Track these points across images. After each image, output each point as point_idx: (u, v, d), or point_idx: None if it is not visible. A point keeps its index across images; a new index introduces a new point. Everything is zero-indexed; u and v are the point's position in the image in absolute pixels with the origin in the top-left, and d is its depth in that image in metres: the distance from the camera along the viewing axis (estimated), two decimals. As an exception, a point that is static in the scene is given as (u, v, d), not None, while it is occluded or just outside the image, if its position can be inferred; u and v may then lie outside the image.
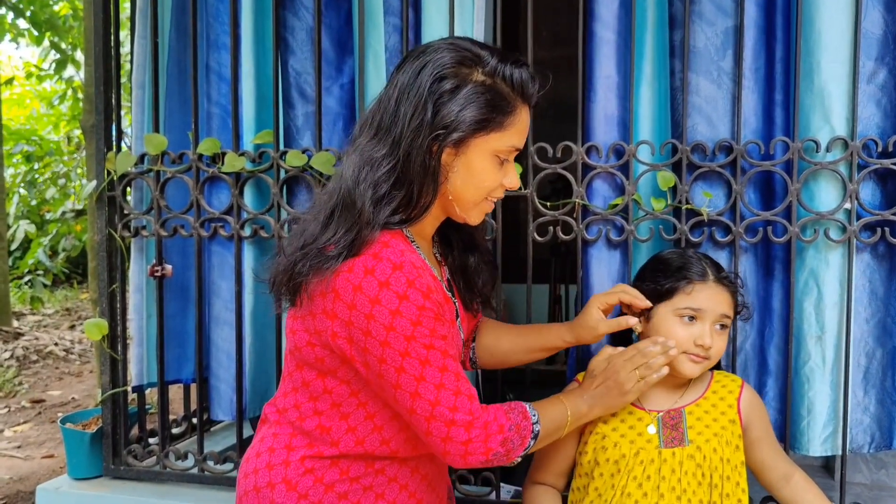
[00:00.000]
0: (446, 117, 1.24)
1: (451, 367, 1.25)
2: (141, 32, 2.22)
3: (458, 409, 1.23)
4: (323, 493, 1.32)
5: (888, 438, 1.82)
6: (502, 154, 1.32)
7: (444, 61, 1.26)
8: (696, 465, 1.53)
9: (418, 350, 1.21)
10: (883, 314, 1.81)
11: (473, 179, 1.31)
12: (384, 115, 1.28)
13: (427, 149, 1.24)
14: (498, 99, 1.27)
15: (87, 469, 2.22)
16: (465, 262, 1.52)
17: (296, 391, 1.36)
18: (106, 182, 2.14)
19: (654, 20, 1.85)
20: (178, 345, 2.27)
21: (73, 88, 7.60)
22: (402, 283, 1.20)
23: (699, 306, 1.51)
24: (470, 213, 1.37)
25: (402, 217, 1.27)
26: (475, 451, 1.25)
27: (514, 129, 1.31)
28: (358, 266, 1.21)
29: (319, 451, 1.33)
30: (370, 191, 1.24)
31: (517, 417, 1.30)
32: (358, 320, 1.21)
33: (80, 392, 5.37)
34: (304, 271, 1.24)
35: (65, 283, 9.92)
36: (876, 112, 1.77)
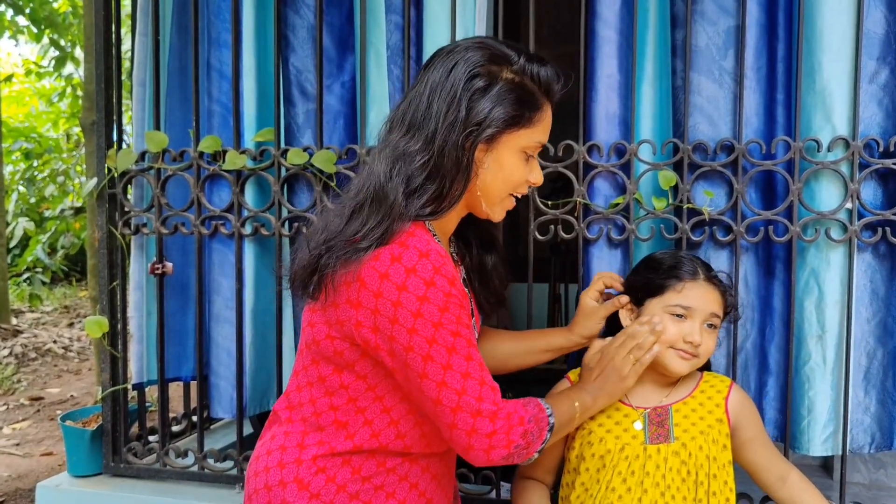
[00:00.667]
0: (479, 114, 1.27)
1: (475, 356, 1.26)
2: (142, 30, 2.21)
3: (483, 398, 1.24)
4: (335, 492, 1.32)
5: (888, 439, 1.82)
6: (529, 150, 1.35)
7: (475, 59, 1.29)
8: (681, 462, 1.54)
9: (445, 337, 1.22)
10: (884, 314, 1.81)
11: (503, 174, 1.34)
12: (416, 112, 1.30)
13: (461, 145, 1.27)
14: (527, 96, 1.31)
15: (86, 466, 2.22)
16: (482, 262, 1.54)
17: (311, 386, 1.36)
18: (107, 179, 2.14)
19: (655, 19, 1.85)
20: (178, 342, 2.27)
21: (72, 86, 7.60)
22: (428, 270, 1.21)
23: (689, 304, 1.52)
24: (494, 209, 1.39)
25: (432, 209, 1.29)
26: (498, 445, 1.25)
27: (541, 126, 1.35)
28: (384, 254, 1.22)
29: (332, 448, 1.33)
30: (403, 185, 1.26)
31: (534, 409, 1.31)
32: (385, 308, 1.22)
33: (79, 390, 5.37)
34: (331, 263, 1.25)
35: (63, 281, 9.92)
36: (878, 112, 1.78)
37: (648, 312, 1.57)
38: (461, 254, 1.52)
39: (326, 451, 1.33)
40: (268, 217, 2.05)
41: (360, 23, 1.99)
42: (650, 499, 1.52)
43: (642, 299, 1.59)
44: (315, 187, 2.00)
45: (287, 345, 2.10)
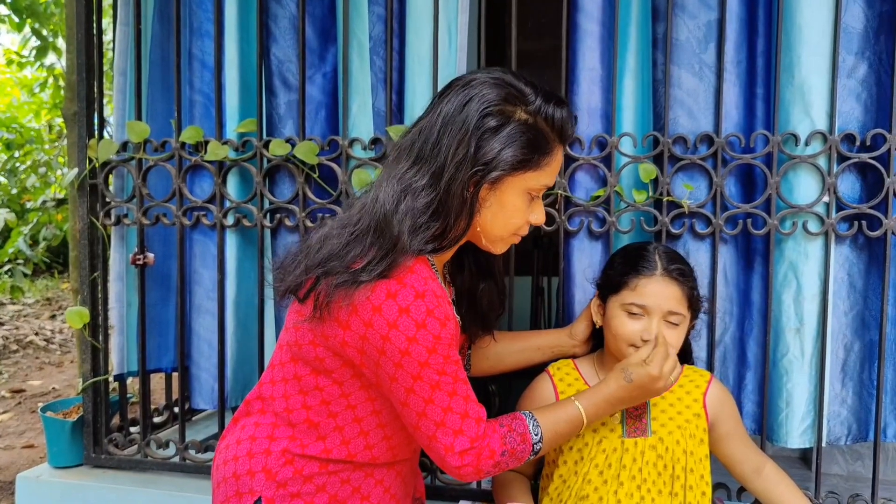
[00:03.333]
0: (488, 154, 1.26)
1: (461, 390, 1.28)
2: (123, 19, 2.20)
3: (461, 432, 1.27)
4: (302, 483, 1.33)
5: (864, 431, 1.85)
6: (534, 192, 1.35)
7: (490, 98, 1.27)
8: (658, 456, 1.55)
9: (430, 375, 1.24)
10: (861, 307, 1.84)
11: (504, 215, 1.34)
12: (425, 144, 1.28)
13: (467, 183, 1.26)
14: (539, 139, 1.30)
15: (67, 458, 2.21)
16: (474, 287, 1.55)
17: (285, 382, 1.36)
18: (87, 170, 2.12)
19: (637, 12, 1.86)
20: (159, 333, 2.26)
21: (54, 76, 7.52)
22: (421, 312, 1.22)
23: (643, 302, 1.53)
24: (496, 245, 1.40)
25: (435, 246, 1.28)
26: (466, 475, 1.30)
27: (549, 169, 1.34)
28: (381, 288, 1.22)
29: (303, 445, 1.34)
30: (409, 221, 1.25)
31: (514, 442, 1.33)
32: (373, 338, 1.23)
33: (61, 382, 5.33)
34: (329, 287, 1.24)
35: (45, 273, 9.84)
36: (856, 106, 1.79)
37: (609, 309, 1.58)
38: (454, 275, 1.53)
39: (297, 449, 1.34)
40: (250, 208, 2.05)
41: (342, 13, 1.98)
42: (626, 491, 1.53)
43: (605, 296, 1.61)
44: (297, 178, 1.99)
45: (269, 336, 2.09)
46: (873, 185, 1.79)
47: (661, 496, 1.54)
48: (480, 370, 1.72)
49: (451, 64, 1.94)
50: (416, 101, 1.95)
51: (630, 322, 1.54)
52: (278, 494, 1.33)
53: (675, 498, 1.55)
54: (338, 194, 1.97)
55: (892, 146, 1.72)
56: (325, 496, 1.35)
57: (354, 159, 1.96)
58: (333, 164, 1.97)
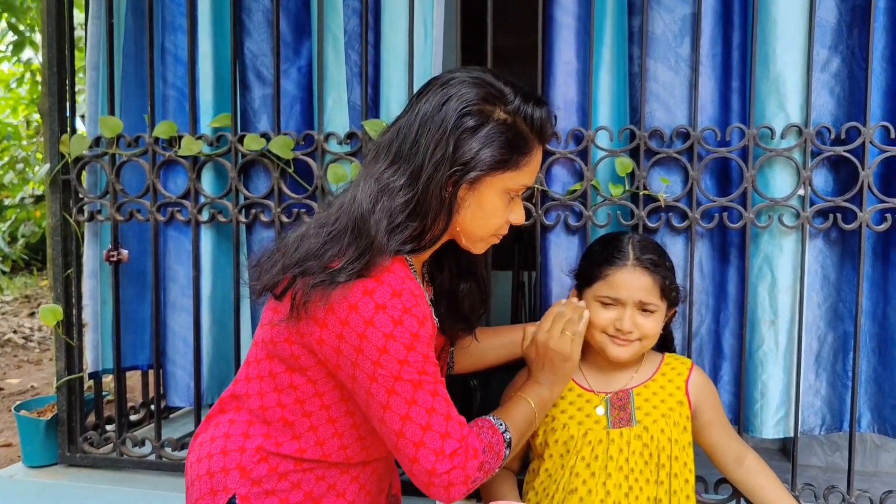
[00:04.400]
0: (466, 154, 1.25)
1: (441, 391, 1.26)
2: (95, 13, 2.17)
3: (449, 434, 1.24)
4: (277, 481, 1.32)
5: (839, 421, 1.86)
6: (513, 192, 1.34)
7: (468, 97, 1.26)
8: (643, 445, 1.56)
9: (411, 374, 1.22)
10: (835, 299, 1.85)
11: (483, 215, 1.33)
12: (403, 144, 1.27)
13: (445, 183, 1.25)
14: (517, 139, 1.29)
15: (42, 457, 2.18)
16: (454, 288, 1.53)
17: (260, 379, 1.35)
18: (60, 165, 2.09)
19: (613, 6, 1.85)
20: (134, 330, 2.24)
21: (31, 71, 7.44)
22: (398, 309, 1.21)
23: (615, 294, 1.54)
24: (475, 245, 1.40)
25: (413, 247, 1.27)
26: (457, 482, 1.25)
27: (528, 169, 1.33)
28: (358, 286, 1.21)
29: (278, 443, 1.33)
30: (385, 220, 1.24)
31: (488, 435, 1.33)
32: (350, 337, 1.21)
33: (40, 380, 5.28)
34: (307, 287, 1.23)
35: (24, 270, 9.75)
36: (829, 100, 1.80)
37: (585, 301, 1.59)
38: (433, 275, 1.53)
39: (272, 447, 1.33)
40: (225, 203, 2.03)
41: (316, 7, 1.96)
42: (614, 482, 1.54)
43: (581, 288, 1.62)
44: (272, 173, 1.98)
45: (245, 333, 2.08)
46: (846, 179, 1.80)
47: (648, 484, 1.55)
48: (462, 367, 1.72)
49: (427, 58, 1.93)
50: (391, 96, 1.94)
51: (603, 312, 1.56)
52: (252, 492, 1.31)
53: (661, 486, 1.56)
54: (313, 189, 1.96)
55: (867, 139, 1.73)
56: (300, 493, 1.33)
57: (330, 154, 1.95)
58: (309, 158, 1.96)
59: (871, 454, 2.42)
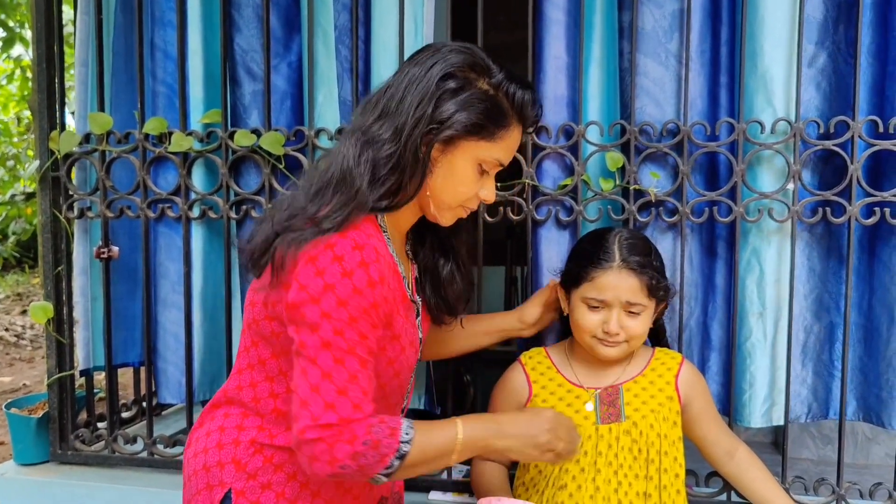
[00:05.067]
0: (444, 113, 1.27)
1: (351, 364, 1.20)
2: (83, 8, 2.15)
3: (333, 406, 1.17)
4: (272, 472, 1.32)
5: (825, 409, 1.89)
6: (486, 164, 1.35)
7: (455, 61, 1.30)
8: (632, 441, 1.56)
9: (327, 332, 1.19)
10: (821, 290, 1.87)
11: (453, 181, 1.34)
12: (390, 101, 1.30)
13: (422, 140, 1.27)
14: (496, 111, 1.31)
15: (33, 454, 2.17)
16: (435, 265, 1.53)
17: (251, 368, 1.35)
18: (49, 162, 2.09)
19: (602, 1, 1.85)
20: (125, 327, 2.23)
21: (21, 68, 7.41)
22: (353, 262, 1.20)
23: (601, 296, 1.54)
24: (442, 214, 1.39)
25: (388, 203, 1.29)
26: (320, 457, 1.18)
27: (504, 144, 1.34)
28: (322, 240, 1.22)
29: (271, 434, 1.33)
30: (369, 172, 1.26)
31: (381, 434, 1.20)
32: (295, 289, 1.21)
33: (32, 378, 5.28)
34: (287, 241, 1.24)
35: (16, 268, 9.71)
36: (816, 95, 1.82)
37: (572, 302, 1.60)
38: (416, 252, 1.52)
39: (266, 439, 1.32)
40: (215, 200, 2.02)
41: (306, 2, 1.95)
42: (603, 478, 1.54)
43: (568, 289, 1.62)
44: (263, 169, 1.97)
45: (236, 329, 2.07)
46: (833, 173, 1.81)
47: (637, 480, 1.56)
48: (425, 355, 1.71)
49: (418, 53, 1.93)
50: (382, 91, 1.94)
51: (590, 314, 1.56)
52: (248, 486, 1.31)
53: (651, 481, 1.56)
54: (304, 185, 1.95)
55: (855, 133, 1.73)
56: (295, 484, 1.33)
57: (321, 149, 1.94)
58: (300, 154, 1.95)
59: (863, 447, 2.43)
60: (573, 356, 1.67)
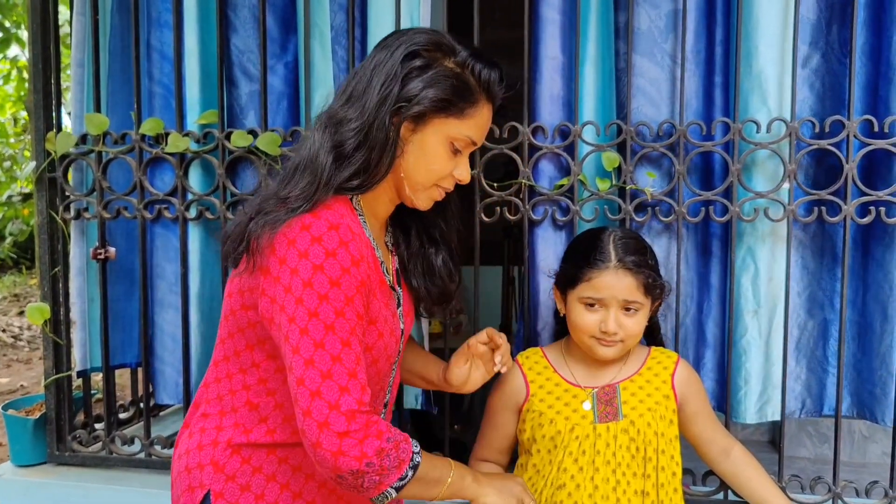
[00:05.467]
0: (411, 91, 1.29)
1: (355, 345, 1.20)
2: (79, 9, 2.15)
3: (348, 390, 1.16)
4: (251, 474, 1.30)
5: (819, 405, 1.91)
6: (457, 143, 1.35)
7: (420, 41, 1.31)
8: (630, 439, 1.57)
9: (328, 314, 1.18)
10: (814, 287, 1.88)
11: (425, 160, 1.34)
12: (358, 84, 1.32)
13: (390, 118, 1.28)
14: (463, 87, 1.32)
15: (30, 456, 2.17)
16: (425, 254, 1.52)
17: (226, 360, 1.35)
18: (46, 163, 2.08)
19: (598, 1, 1.86)
20: (122, 328, 2.23)
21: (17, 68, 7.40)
22: (334, 241, 1.20)
23: (599, 295, 1.54)
24: (418, 196, 1.38)
25: (358, 182, 1.29)
26: (349, 451, 1.15)
27: (473, 122, 1.35)
28: (296, 222, 1.22)
29: (246, 430, 1.31)
30: (335, 152, 1.28)
31: (399, 437, 1.21)
32: (284, 275, 1.20)
33: (29, 379, 5.27)
34: (259, 225, 1.25)
35: (13, 269, 9.69)
36: (809, 95, 1.83)
37: (569, 303, 1.60)
38: (397, 243, 1.51)
39: (242, 437, 1.31)
40: (212, 200, 2.02)
41: (303, 2, 1.96)
42: (602, 477, 1.55)
43: (564, 290, 1.62)
44: (260, 170, 1.97)
45: (234, 329, 2.07)
46: (826, 173, 1.83)
47: (635, 478, 1.56)
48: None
49: (414, 53, 1.93)
50: (378, 91, 1.94)
51: (588, 314, 1.56)
52: (227, 488, 1.30)
53: (648, 479, 1.57)
54: (301, 186, 1.95)
55: (851, 132, 1.74)
56: (275, 486, 1.31)
57: (317, 150, 1.94)
58: (296, 155, 1.95)
59: (860, 445, 2.44)
60: (570, 355, 1.67)
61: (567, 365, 1.66)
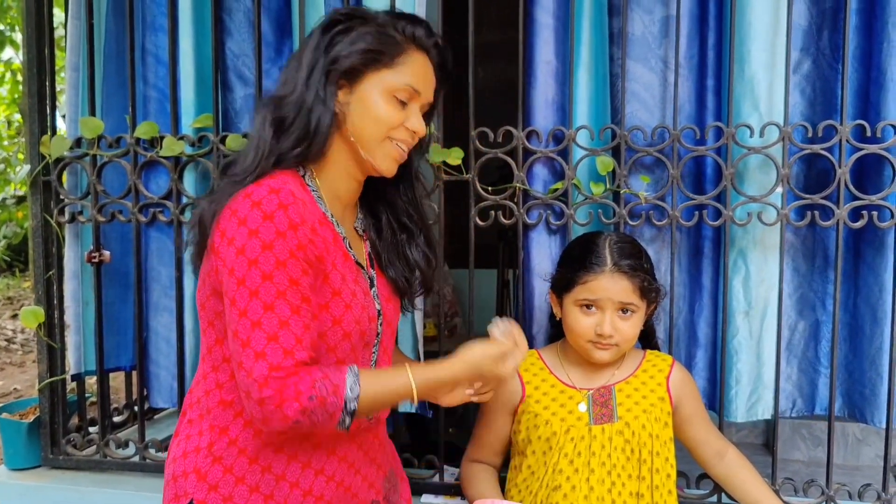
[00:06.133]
0: (338, 52, 1.33)
1: (280, 309, 1.18)
2: (74, 13, 2.15)
3: (263, 356, 1.16)
4: (234, 485, 1.28)
5: (809, 405, 1.93)
6: (399, 94, 1.34)
7: (339, 13, 1.37)
8: (625, 441, 1.57)
9: (255, 276, 1.17)
10: (805, 289, 1.90)
11: (368, 115, 1.34)
12: (290, 67, 1.37)
13: (323, 85, 1.31)
14: (387, 39, 1.34)
15: (24, 459, 2.17)
16: (396, 241, 1.49)
17: (203, 361, 1.35)
18: (40, 167, 2.08)
19: (591, 6, 1.87)
20: (117, 332, 2.23)
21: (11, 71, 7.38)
22: (272, 204, 1.20)
23: (595, 297, 1.56)
24: (374, 155, 1.36)
25: (301, 150, 1.31)
26: (272, 417, 1.16)
27: (407, 69, 1.35)
28: (240, 193, 1.24)
29: (222, 430, 1.30)
30: (274, 125, 1.31)
31: (325, 391, 1.18)
32: (223, 247, 1.21)
33: (23, 382, 5.25)
34: (208, 204, 1.29)
35: (6, 272, 9.67)
36: (800, 100, 1.85)
37: (565, 307, 1.61)
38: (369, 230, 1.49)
39: (220, 438, 1.30)
40: (207, 204, 2.02)
41: (297, 6, 1.96)
42: (597, 478, 1.55)
43: (560, 294, 1.63)
44: (218, 170, 1.97)
45: (229, 333, 2.07)
46: (817, 177, 1.84)
47: (630, 480, 1.57)
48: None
49: (409, 57, 1.93)
50: (373, 95, 1.94)
51: (584, 318, 1.57)
52: (210, 498, 1.28)
53: (643, 481, 1.57)
54: (296, 189, 1.96)
55: (843, 137, 1.75)
56: (259, 497, 1.28)
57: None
58: (291, 158, 1.95)
59: (853, 448, 2.45)
60: (565, 358, 1.68)
61: (563, 367, 1.67)
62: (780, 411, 1.89)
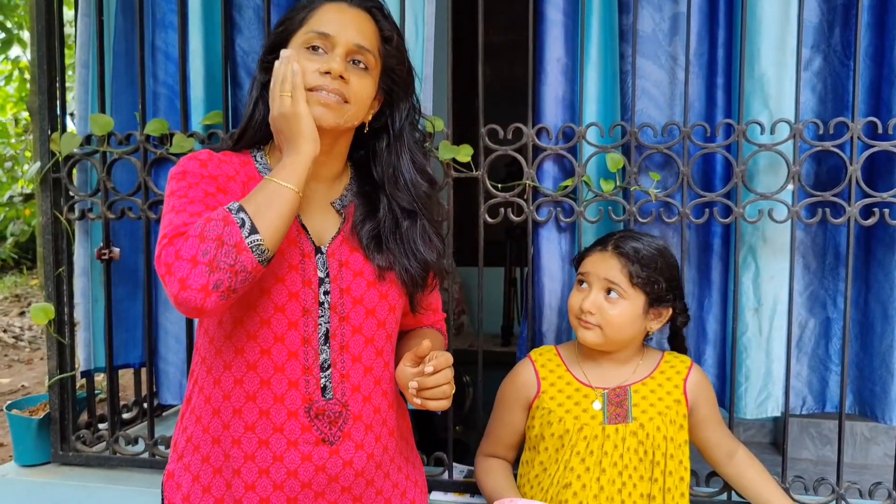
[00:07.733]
0: (266, 42, 1.41)
1: (178, 205, 1.22)
2: (84, 10, 2.16)
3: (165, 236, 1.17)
4: (192, 453, 1.32)
5: (820, 402, 1.93)
6: (308, 42, 1.29)
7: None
8: (639, 442, 1.57)
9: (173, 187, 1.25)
10: (815, 287, 1.90)
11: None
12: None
13: (258, 73, 1.38)
14: (297, 7, 1.37)
15: (34, 456, 2.18)
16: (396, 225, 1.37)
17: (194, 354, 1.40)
18: (50, 164, 2.09)
19: (601, 4, 1.86)
20: (126, 328, 2.23)
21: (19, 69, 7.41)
22: (190, 156, 1.30)
23: (585, 271, 1.61)
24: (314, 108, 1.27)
25: (246, 137, 1.38)
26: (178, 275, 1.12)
27: (314, 19, 1.31)
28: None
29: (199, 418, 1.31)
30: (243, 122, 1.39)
31: (215, 229, 1.13)
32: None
33: (31, 379, 5.27)
34: None
35: (14, 269, 9.70)
36: (811, 98, 1.84)
37: None
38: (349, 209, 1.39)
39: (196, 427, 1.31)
40: (217, 201, 2.02)
41: (308, 4, 1.96)
42: (608, 478, 1.55)
43: None
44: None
45: (238, 330, 2.07)
46: (828, 173, 1.83)
47: (642, 481, 1.56)
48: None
49: (419, 55, 1.94)
50: (383, 93, 1.94)
51: (576, 293, 1.63)
52: (176, 467, 1.34)
53: (655, 483, 1.57)
54: (305, 186, 1.96)
55: (855, 134, 1.74)
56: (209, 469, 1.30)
57: (322, 151, 1.95)
58: (300, 156, 1.95)
59: (862, 447, 2.44)
60: (583, 355, 1.67)
61: (580, 364, 1.66)
62: (790, 409, 1.89)
